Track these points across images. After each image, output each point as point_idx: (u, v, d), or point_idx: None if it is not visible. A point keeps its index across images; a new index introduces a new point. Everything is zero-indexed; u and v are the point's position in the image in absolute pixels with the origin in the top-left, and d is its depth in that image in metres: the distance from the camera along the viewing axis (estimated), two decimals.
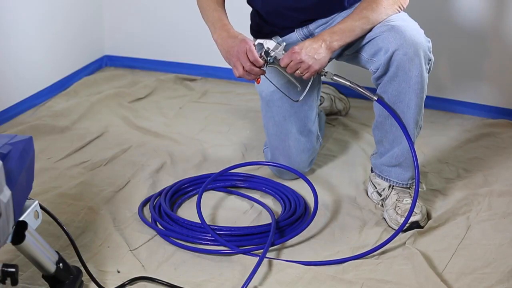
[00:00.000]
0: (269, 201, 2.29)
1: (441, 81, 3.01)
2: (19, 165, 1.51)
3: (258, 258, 1.90)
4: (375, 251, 2.00)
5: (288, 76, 2.15)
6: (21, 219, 1.52)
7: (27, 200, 1.57)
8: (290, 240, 2.06)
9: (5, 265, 1.45)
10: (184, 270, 1.93)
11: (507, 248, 2.03)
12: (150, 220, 2.15)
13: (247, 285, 1.81)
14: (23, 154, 1.54)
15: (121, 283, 1.83)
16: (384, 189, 2.22)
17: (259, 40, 2.08)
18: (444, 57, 2.95)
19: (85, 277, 1.78)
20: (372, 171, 2.29)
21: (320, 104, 2.82)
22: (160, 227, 2.11)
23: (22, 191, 1.53)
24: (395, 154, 2.16)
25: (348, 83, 2.09)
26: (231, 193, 2.34)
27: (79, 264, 1.79)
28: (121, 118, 2.87)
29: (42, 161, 2.47)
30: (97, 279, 1.79)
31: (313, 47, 2.05)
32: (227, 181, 2.35)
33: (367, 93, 2.08)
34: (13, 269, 1.45)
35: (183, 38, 3.33)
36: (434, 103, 2.99)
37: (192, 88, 3.22)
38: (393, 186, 2.20)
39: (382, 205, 2.23)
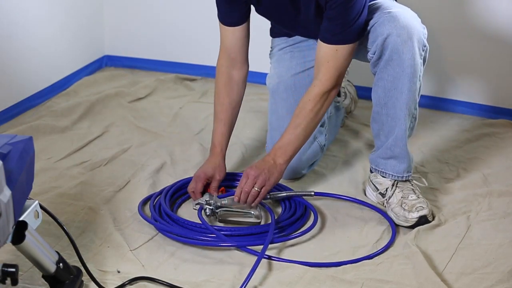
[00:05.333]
0: (269, 201, 2.28)
1: (441, 81, 3.01)
2: (19, 165, 1.51)
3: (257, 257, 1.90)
4: (376, 255, 1.99)
5: (243, 211, 2.14)
6: (21, 219, 1.52)
7: (27, 200, 1.57)
8: (290, 240, 2.06)
9: (5, 265, 1.45)
10: (184, 270, 1.93)
11: (507, 248, 2.03)
12: (150, 217, 2.14)
13: (246, 284, 1.81)
14: (23, 154, 1.53)
15: (121, 283, 1.83)
16: (387, 189, 2.22)
17: (197, 201, 2.14)
18: (444, 57, 2.95)
19: (85, 277, 1.78)
20: (371, 171, 2.29)
21: (344, 99, 2.80)
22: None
23: (22, 191, 1.53)
24: (389, 144, 2.17)
25: (285, 194, 2.18)
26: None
27: (79, 264, 1.78)
28: (121, 118, 2.87)
29: (42, 161, 2.47)
30: (97, 279, 1.79)
31: (265, 174, 2.09)
32: (227, 181, 2.34)
33: (304, 193, 2.20)
34: (13, 269, 1.45)
35: (183, 38, 3.33)
36: (434, 103, 2.99)
37: (192, 88, 3.22)
38: (396, 183, 2.20)
39: (385, 206, 2.22)
